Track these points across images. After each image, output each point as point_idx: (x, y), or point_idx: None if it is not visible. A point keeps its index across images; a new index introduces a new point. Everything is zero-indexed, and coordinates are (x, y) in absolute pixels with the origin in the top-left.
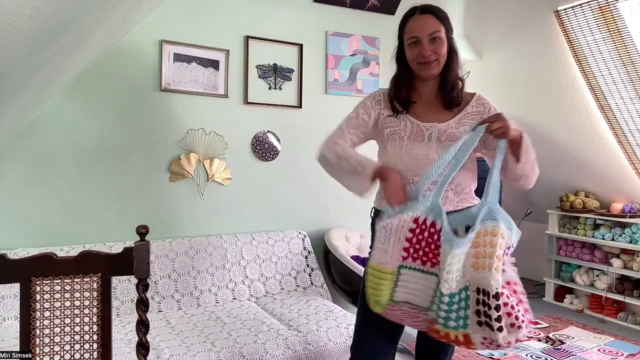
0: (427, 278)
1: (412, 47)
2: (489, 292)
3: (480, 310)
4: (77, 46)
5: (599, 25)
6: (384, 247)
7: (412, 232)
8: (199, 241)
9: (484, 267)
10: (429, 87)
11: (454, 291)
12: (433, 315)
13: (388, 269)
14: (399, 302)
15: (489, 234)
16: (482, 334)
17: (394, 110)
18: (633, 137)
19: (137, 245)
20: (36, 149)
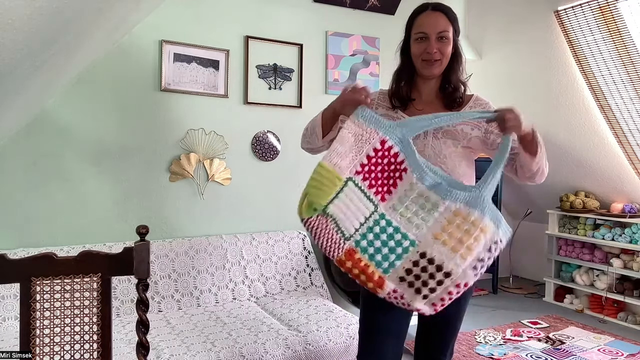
0: (364, 203)
1: (419, 43)
2: (441, 266)
3: (412, 271)
4: (77, 46)
5: (599, 25)
6: (343, 151)
7: (375, 152)
8: (199, 241)
9: (446, 243)
10: (429, 86)
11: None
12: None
13: (339, 174)
14: (329, 214)
15: (469, 221)
16: (397, 286)
17: (392, 105)
18: (633, 137)
19: (137, 245)
20: (36, 148)
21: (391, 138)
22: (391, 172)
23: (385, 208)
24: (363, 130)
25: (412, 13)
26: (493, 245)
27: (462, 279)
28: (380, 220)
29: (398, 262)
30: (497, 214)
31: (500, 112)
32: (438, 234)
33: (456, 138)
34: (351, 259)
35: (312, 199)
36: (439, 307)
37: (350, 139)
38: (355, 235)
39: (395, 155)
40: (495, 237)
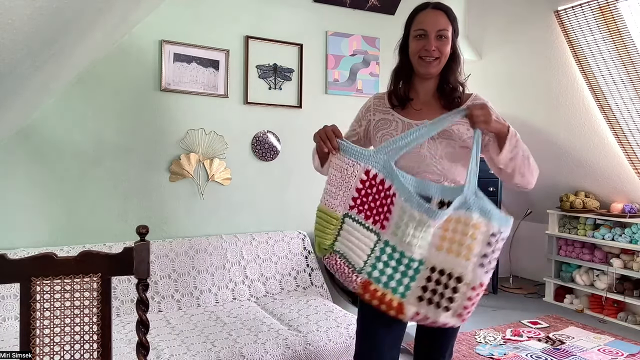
0: (366, 234)
1: (418, 40)
2: (451, 274)
3: (428, 287)
4: (77, 46)
5: (599, 25)
6: (334, 191)
7: (362, 184)
8: (199, 241)
9: (450, 251)
10: (427, 86)
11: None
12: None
13: (335, 213)
14: (337, 252)
15: (461, 222)
16: (417, 308)
17: (391, 104)
18: (633, 137)
19: (137, 245)
20: (36, 148)
21: (373, 166)
22: (382, 199)
23: (388, 235)
24: (345, 164)
25: (413, 11)
26: (491, 238)
27: (474, 280)
28: (385, 248)
29: (413, 284)
30: (486, 208)
31: (469, 107)
32: (439, 245)
33: (452, 138)
34: (367, 290)
35: (319, 240)
36: (466, 315)
37: (337, 175)
38: (366, 267)
39: (382, 182)
40: (491, 229)
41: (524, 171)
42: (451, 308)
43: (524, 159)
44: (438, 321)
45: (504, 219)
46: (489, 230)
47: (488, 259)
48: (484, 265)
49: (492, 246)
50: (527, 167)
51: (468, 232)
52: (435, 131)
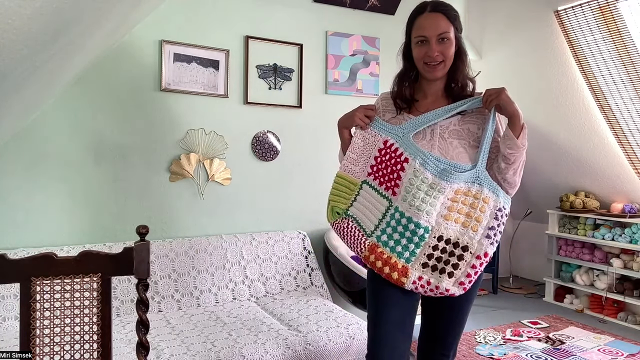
0: (379, 200)
1: (420, 46)
2: (458, 243)
3: (433, 255)
4: (77, 46)
5: (599, 25)
6: (356, 158)
7: (379, 152)
8: (199, 241)
9: (457, 221)
10: (435, 87)
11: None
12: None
13: (354, 179)
14: (350, 216)
15: (471, 195)
16: (421, 273)
17: (397, 107)
18: (633, 137)
19: (137, 245)
20: (36, 149)
21: (392, 137)
22: (393, 165)
23: (397, 201)
24: (369, 134)
25: (411, 15)
26: (498, 212)
27: (480, 250)
28: (395, 214)
29: (418, 250)
30: (494, 184)
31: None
32: (447, 215)
33: (462, 137)
34: (374, 252)
35: (334, 204)
36: (467, 284)
37: (360, 144)
38: (376, 231)
39: (395, 150)
40: (498, 204)
41: (518, 169)
42: (454, 275)
43: (523, 159)
44: (440, 287)
45: (507, 197)
46: (496, 205)
47: (494, 231)
48: (490, 237)
49: (498, 220)
50: (521, 168)
51: (477, 205)
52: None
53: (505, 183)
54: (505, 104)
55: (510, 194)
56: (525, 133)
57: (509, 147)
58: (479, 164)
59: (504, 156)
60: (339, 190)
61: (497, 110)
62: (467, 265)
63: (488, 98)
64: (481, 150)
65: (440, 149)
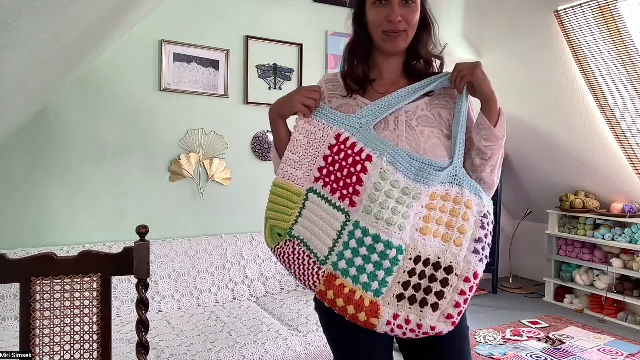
0: (332, 213)
1: (378, 8)
2: (439, 263)
3: (410, 283)
4: (77, 46)
5: (599, 25)
6: (298, 160)
7: (330, 150)
8: (199, 241)
9: (436, 235)
10: (393, 63)
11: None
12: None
13: (297, 188)
14: (296, 237)
15: (450, 200)
16: (396, 310)
17: (347, 89)
18: (633, 137)
19: (137, 245)
20: (36, 149)
21: (346, 129)
22: (350, 166)
23: (358, 214)
24: (315, 127)
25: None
26: (483, 219)
27: (467, 270)
28: (355, 231)
29: (390, 278)
30: (475, 184)
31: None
32: (424, 228)
33: (434, 125)
34: (332, 286)
35: (273, 223)
36: (457, 317)
37: (303, 141)
38: (332, 256)
39: (353, 146)
40: (482, 209)
41: (496, 166)
42: (439, 306)
43: (501, 153)
44: (423, 325)
45: (489, 200)
46: (481, 210)
47: (482, 244)
48: (478, 251)
49: (485, 230)
50: (499, 164)
51: (459, 212)
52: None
53: (481, 183)
54: (481, 82)
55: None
56: (503, 121)
57: (486, 139)
58: (456, 159)
59: (480, 150)
60: (278, 204)
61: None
62: (453, 291)
63: (459, 75)
64: (457, 141)
65: (409, 141)
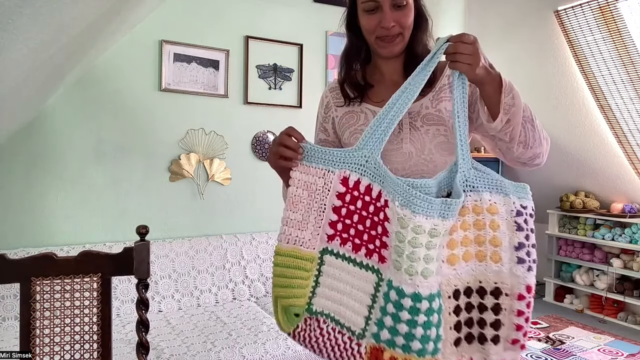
0: (359, 275)
1: (369, 15)
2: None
3: (462, 322)
4: (77, 46)
5: (599, 25)
6: (301, 219)
7: (340, 199)
8: (199, 241)
9: (467, 258)
10: (394, 65)
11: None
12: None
13: (307, 252)
14: (319, 313)
15: (469, 212)
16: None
17: (345, 97)
18: (633, 137)
19: (137, 245)
20: (36, 148)
21: (353, 169)
22: (372, 216)
23: (390, 270)
24: (313, 175)
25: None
26: (517, 219)
27: (517, 286)
28: (389, 292)
29: (440, 330)
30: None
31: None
32: (450, 257)
33: (441, 122)
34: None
35: (286, 303)
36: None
37: (303, 195)
38: (370, 327)
39: (369, 190)
40: (512, 206)
41: (527, 138)
42: (500, 338)
43: (525, 121)
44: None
45: (520, 187)
46: (511, 210)
47: (525, 249)
48: (524, 260)
49: (524, 229)
50: (530, 132)
51: (485, 222)
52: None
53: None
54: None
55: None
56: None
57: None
58: (460, 159)
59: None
60: (287, 276)
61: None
62: (510, 315)
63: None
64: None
65: (412, 142)
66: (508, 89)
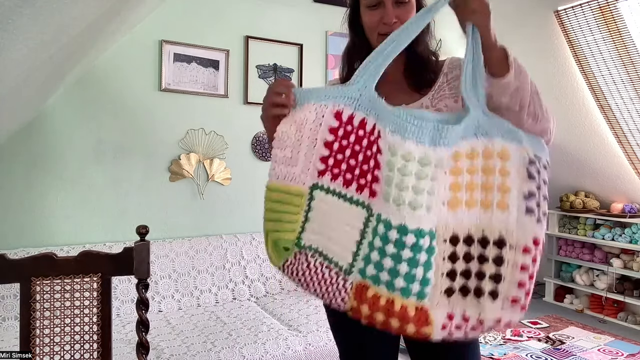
0: (349, 210)
1: (372, 10)
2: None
3: (457, 270)
4: (77, 46)
5: (599, 25)
6: (291, 155)
7: (333, 133)
8: (199, 241)
9: (472, 203)
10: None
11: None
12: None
13: (296, 187)
14: (307, 247)
15: (478, 155)
16: (450, 308)
17: None
18: (633, 137)
19: (137, 245)
20: (36, 148)
21: (347, 104)
22: (366, 150)
23: (379, 204)
24: (305, 112)
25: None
26: (530, 167)
27: (524, 237)
28: (377, 226)
29: (430, 273)
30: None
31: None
32: (453, 199)
33: None
34: (365, 300)
35: (275, 236)
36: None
37: (292, 131)
38: (357, 262)
39: (363, 124)
40: (525, 154)
41: (535, 110)
42: (499, 292)
43: (533, 93)
44: (485, 319)
45: (535, 138)
46: (524, 157)
47: (535, 199)
48: (533, 210)
49: (536, 179)
50: (538, 104)
51: (494, 167)
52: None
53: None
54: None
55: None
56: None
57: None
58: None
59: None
60: (277, 210)
61: None
62: (512, 269)
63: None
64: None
65: None
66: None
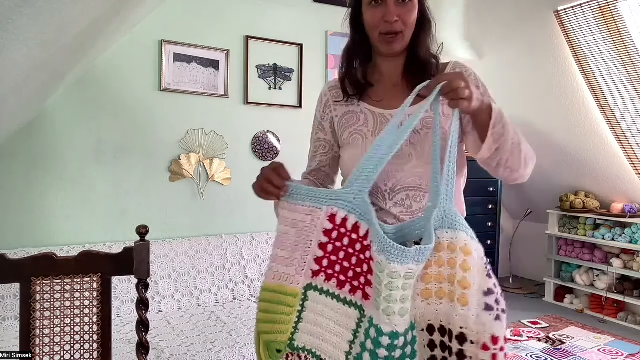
0: (342, 311)
1: (374, 8)
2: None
3: (437, 357)
4: (77, 46)
5: (599, 25)
6: (287, 256)
7: (327, 235)
8: (199, 241)
9: (440, 294)
10: (395, 65)
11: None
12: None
13: (291, 288)
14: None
15: (444, 248)
16: None
17: (345, 93)
18: (633, 137)
19: (137, 245)
20: (36, 148)
21: (341, 206)
22: (359, 253)
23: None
24: (300, 213)
25: None
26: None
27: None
28: (370, 329)
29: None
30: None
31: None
32: (424, 290)
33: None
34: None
35: (268, 338)
36: None
37: (290, 232)
38: None
39: (356, 228)
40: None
41: (512, 164)
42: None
43: (513, 147)
44: None
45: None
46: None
47: (494, 295)
48: (491, 307)
49: (492, 278)
50: (517, 158)
51: (457, 262)
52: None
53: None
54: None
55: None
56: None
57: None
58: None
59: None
60: (271, 312)
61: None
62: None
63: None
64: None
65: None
66: (499, 118)
